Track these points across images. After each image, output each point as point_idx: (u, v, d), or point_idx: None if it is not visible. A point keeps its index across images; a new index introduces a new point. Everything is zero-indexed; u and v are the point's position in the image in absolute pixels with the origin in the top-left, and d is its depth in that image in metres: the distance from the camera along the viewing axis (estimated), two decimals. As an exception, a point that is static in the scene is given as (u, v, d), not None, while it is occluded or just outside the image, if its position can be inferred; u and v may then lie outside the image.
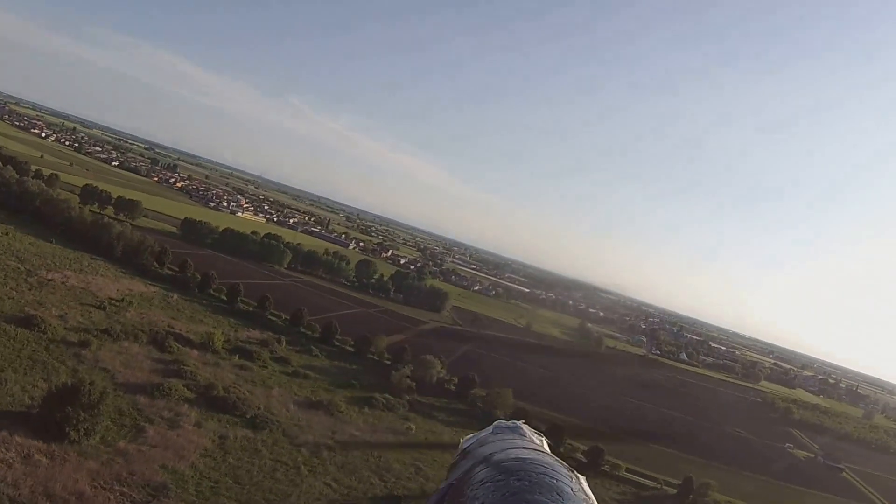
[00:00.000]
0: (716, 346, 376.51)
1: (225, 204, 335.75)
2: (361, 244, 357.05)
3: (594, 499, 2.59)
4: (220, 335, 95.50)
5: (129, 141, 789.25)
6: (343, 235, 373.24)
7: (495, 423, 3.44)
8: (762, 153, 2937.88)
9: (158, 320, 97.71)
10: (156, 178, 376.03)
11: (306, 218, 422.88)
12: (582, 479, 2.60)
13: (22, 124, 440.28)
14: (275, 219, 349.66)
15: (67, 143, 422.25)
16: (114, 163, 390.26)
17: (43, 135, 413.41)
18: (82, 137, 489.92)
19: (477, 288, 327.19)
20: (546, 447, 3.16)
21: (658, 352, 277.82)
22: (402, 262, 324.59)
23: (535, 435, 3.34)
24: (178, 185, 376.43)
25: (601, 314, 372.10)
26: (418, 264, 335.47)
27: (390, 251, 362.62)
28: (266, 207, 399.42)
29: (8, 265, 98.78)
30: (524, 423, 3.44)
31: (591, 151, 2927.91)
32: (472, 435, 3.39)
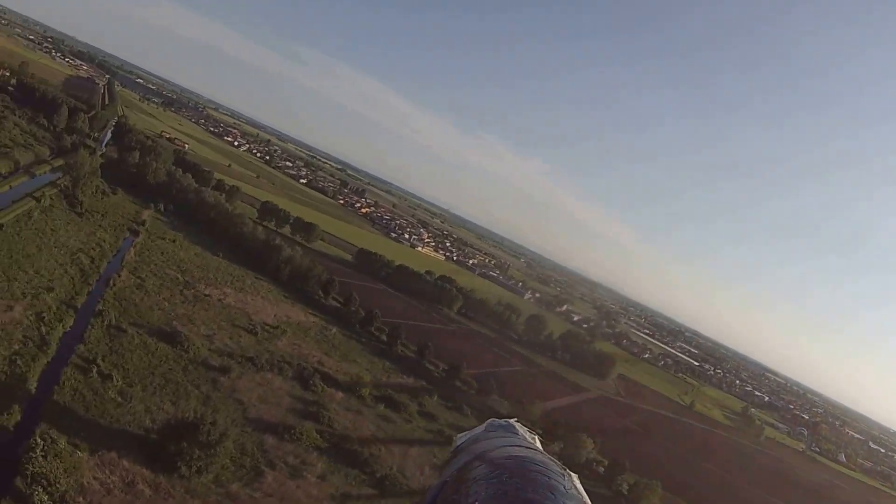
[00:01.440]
0: (875, 447, 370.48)
1: (406, 236, 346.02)
2: (537, 295, 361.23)
3: (587, 497, 2.84)
4: (370, 381, 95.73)
5: (323, 159, 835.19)
6: (520, 283, 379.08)
7: (489, 421, 3.71)
8: None
9: (310, 354, 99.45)
10: (342, 201, 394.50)
11: (487, 260, 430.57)
12: (574, 476, 2.86)
13: (217, 130, 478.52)
14: (454, 257, 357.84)
15: (259, 154, 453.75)
16: (302, 180, 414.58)
17: (236, 143, 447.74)
18: (275, 150, 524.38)
19: (646, 356, 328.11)
20: (539, 445, 3.36)
21: (817, 449, 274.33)
22: (576, 318, 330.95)
23: (528, 433, 3.58)
24: (363, 210, 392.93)
25: (766, 398, 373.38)
26: (591, 323, 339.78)
27: (565, 306, 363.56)
28: (448, 244, 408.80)
29: (167, 274, 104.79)
30: (517, 421, 3.71)
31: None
32: (465, 433, 3.66)
